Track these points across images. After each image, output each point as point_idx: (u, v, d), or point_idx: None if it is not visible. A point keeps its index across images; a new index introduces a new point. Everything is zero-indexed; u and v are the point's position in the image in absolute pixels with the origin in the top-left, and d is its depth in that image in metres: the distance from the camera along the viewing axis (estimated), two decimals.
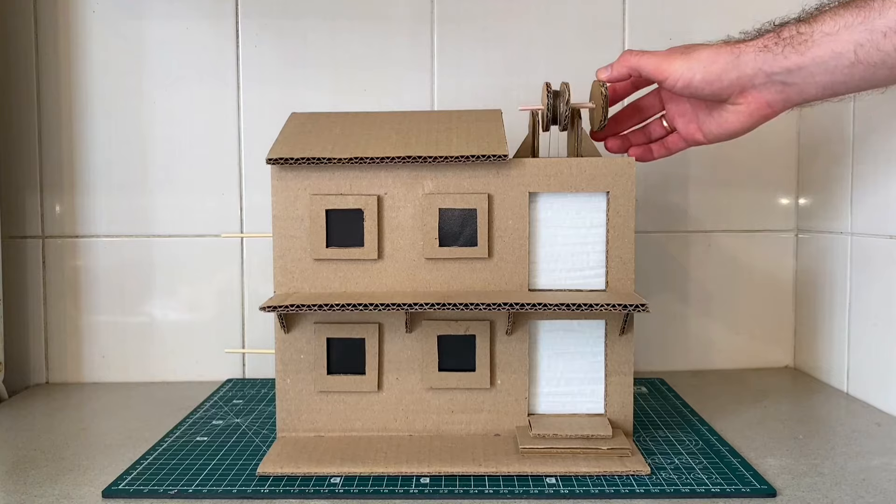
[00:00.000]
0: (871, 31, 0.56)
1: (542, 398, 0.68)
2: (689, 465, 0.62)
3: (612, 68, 0.68)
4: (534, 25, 0.92)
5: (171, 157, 0.92)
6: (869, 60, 0.57)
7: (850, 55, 0.57)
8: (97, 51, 0.91)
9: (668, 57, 0.65)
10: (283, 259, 0.67)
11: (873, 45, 0.56)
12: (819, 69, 0.59)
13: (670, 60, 0.64)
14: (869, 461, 0.63)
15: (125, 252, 0.92)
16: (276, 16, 0.92)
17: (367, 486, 0.58)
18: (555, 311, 0.63)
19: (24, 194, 0.92)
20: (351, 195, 0.66)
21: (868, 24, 0.56)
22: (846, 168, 0.84)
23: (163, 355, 0.93)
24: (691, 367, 0.96)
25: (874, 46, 0.56)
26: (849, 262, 0.84)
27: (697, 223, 0.95)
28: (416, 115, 0.72)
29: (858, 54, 0.57)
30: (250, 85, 0.92)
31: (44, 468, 0.63)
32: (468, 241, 0.66)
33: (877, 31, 0.55)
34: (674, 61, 0.64)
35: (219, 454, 0.65)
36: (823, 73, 0.59)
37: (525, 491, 0.57)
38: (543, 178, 0.65)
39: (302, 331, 0.67)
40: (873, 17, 0.55)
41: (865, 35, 0.56)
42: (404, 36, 0.92)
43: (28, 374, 0.93)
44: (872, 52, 0.56)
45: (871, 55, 0.56)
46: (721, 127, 0.67)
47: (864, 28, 0.56)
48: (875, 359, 0.79)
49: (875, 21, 0.55)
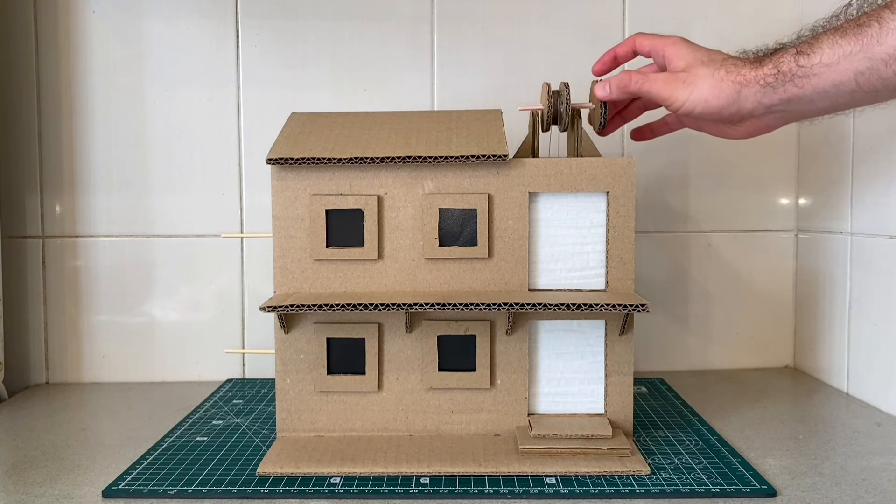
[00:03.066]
0: (871, 58, 0.54)
1: (542, 398, 0.68)
2: (689, 465, 0.62)
3: (611, 90, 0.67)
4: (534, 25, 0.92)
5: (170, 157, 0.92)
6: (870, 87, 0.56)
7: (851, 83, 0.56)
8: (97, 51, 0.91)
9: (670, 84, 0.64)
10: (283, 259, 0.67)
11: (874, 72, 0.55)
12: (819, 97, 0.58)
13: (672, 89, 0.63)
14: (869, 461, 0.63)
15: (125, 252, 0.92)
16: (276, 16, 0.92)
17: (367, 486, 0.58)
18: (555, 311, 0.63)
19: (24, 194, 0.92)
20: (351, 195, 0.66)
21: (868, 52, 0.54)
22: (846, 168, 0.84)
23: (163, 355, 0.93)
24: (691, 367, 0.96)
25: (875, 74, 0.55)
26: (849, 262, 0.84)
27: (697, 223, 0.95)
28: (416, 115, 0.72)
29: (859, 82, 0.56)
30: (250, 85, 0.92)
31: (44, 468, 0.63)
32: (468, 241, 0.66)
33: (877, 59, 0.54)
34: (676, 90, 0.63)
35: (219, 454, 0.65)
36: (824, 100, 0.58)
37: (525, 491, 0.57)
38: (543, 178, 0.65)
39: (302, 331, 0.67)
40: (872, 44, 0.54)
41: (865, 63, 0.55)
42: (404, 36, 0.92)
43: (28, 374, 0.93)
44: (873, 80, 0.55)
45: (872, 82, 0.55)
46: (719, 133, 0.67)
47: (864, 56, 0.54)
48: (875, 359, 0.79)
49: (874, 48, 0.54)
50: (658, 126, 0.75)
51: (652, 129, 0.75)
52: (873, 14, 0.55)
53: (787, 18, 0.91)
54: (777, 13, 0.92)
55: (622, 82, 0.66)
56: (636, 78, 0.65)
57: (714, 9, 0.93)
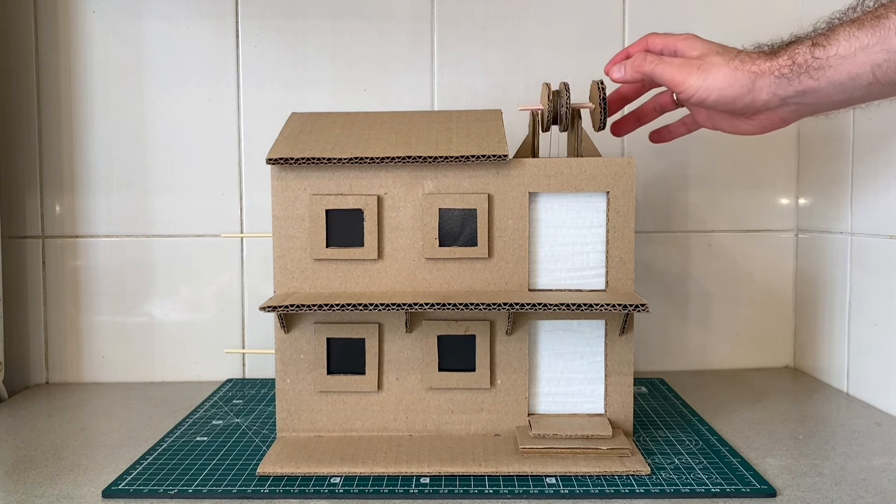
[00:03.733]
0: (889, 50, 0.54)
1: (542, 398, 0.68)
2: (689, 465, 0.62)
3: (626, 71, 0.67)
4: (534, 25, 0.92)
5: (171, 157, 0.92)
6: (886, 80, 0.55)
7: (868, 76, 0.55)
8: (97, 51, 0.91)
9: (684, 69, 0.63)
10: (283, 259, 0.67)
11: (891, 64, 0.54)
12: (835, 90, 0.57)
13: (686, 73, 0.63)
14: (869, 461, 0.63)
15: (125, 252, 0.92)
16: (276, 16, 0.92)
17: (367, 486, 0.58)
18: (555, 311, 0.63)
19: (24, 194, 0.92)
20: (351, 195, 0.66)
21: (885, 44, 0.54)
22: (846, 168, 0.84)
23: (163, 355, 0.93)
24: (691, 367, 0.96)
25: (892, 67, 0.54)
26: (849, 262, 0.84)
27: (697, 223, 0.95)
28: (416, 115, 0.72)
29: (876, 74, 0.55)
30: (250, 85, 0.92)
31: (44, 468, 0.63)
32: (468, 241, 0.66)
33: (894, 51, 0.54)
34: (689, 75, 0.62)
35: (219, 454, 0.65)
36: (840, 93, 0.58)
37: (525, 491, 0.57)
38: (543, 178, 0.65)
39: (302, 331, 0.67)
40: (889, 36, 0.54)
41: (882, 55, 0.54)
42: (404, 36, 0.92)
43: (28, 374, 0.93)
44: (890, 72, 0.55)
45: (890, 74, 0.55)
46: (733, 129, 0.67)
47: (881, 48, 0.54)
48: (875, 359, 0.79)
49: (892, 40, 0.53)
50: (676, 127, 0.75)
51: (670, 130, 0.75)
52: (891, 6, 0.54)
53: (786, 18, 0.91)
54: (777, 13, 0.92)
55: (637, 63, 0.66)
56: (651, 59, 0.65)
57: (714, 9, 0.93)
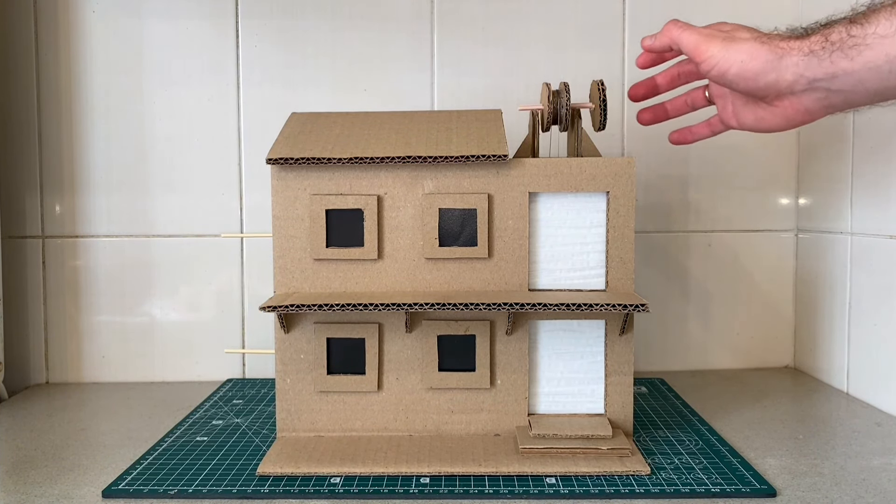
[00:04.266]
0: None
1: (542, 398, 0.68)
2: (689, 465, 0.62)
3: (656, 38, 0.65)
4: (534, 25, 0.92)
5: (170, 157, 0.92)
6: None
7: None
8: (97, 51, 0.91)
9: (709, 38, 0.60)
10: (283, 259, 0.67)
11: None
12: (871, 75, 0.53)
13: (709, 42, 0.59)
14: (869, 461, 0.63)
15: (125, 252, 0.92)
16: (276, 16, 0.92)
17: (367, 486, 0.58)
18: (555, 311, 0.63)
19: (24, 194, 0.92)
20: (351, 195, 0.66)
21: None
22: (846, 168, 0.84)
23: (163, 355, 0.93)
24: (691, 367, 0.96)
25: None
26: (849, 262, 0.84)
27: (697, 223, 0.95)
28: (416, 115, 0.72)
29: None
30: (250, 84, 0.92)
31: (44, 468, 0.63)
32: (468, 241, 0.66)
33: None
34: (712, 44, 0.59)
35: (219, 454, 0.65)
36: (875, 78, 0.53)
37: (525, 491, 0.57)
38: (543, 178, 0.65)
39: (302, 331, 0.67)
40: None
41: None
42: (404, 36, 0.92)
43: (28, 374, 0.93)
44: None
45: None
46: (756, 121, 0.64)
47: None
48: (875, 359, 0.79)
49: None
50: (699, 128, 0.73)
51: (692, 131, 0.74)
52: None
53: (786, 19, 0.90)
54: (776, 13, 0.92)
55: (666, 29, 0.64)
56: (680, 24, 0.63)
57: (714, 9, 0.93)
